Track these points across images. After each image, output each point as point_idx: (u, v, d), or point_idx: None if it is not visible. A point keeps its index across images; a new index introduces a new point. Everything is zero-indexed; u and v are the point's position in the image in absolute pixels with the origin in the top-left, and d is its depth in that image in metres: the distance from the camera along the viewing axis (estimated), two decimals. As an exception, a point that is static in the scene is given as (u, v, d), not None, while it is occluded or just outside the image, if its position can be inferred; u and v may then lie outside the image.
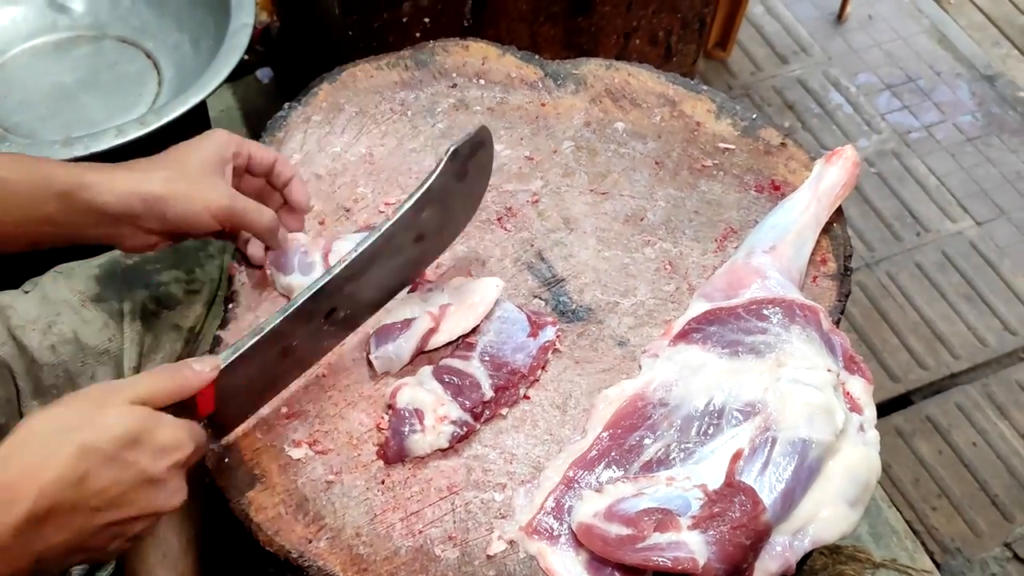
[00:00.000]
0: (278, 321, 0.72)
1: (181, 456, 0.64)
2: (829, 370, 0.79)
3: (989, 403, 1.72)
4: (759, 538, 0.71)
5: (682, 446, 0.77)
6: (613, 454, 0.78)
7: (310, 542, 0.74)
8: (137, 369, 0.94)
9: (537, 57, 1.09)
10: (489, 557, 0.74)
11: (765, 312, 0.83)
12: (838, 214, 0.97)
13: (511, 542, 0.75)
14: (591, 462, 0.77)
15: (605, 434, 0.79)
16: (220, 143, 0.83)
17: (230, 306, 0.88)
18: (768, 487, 0.73)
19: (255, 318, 0.87)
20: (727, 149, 1.02)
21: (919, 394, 1.74)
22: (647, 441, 0.78)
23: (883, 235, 1.93)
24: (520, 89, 1.06)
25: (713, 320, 0.84)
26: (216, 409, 0.71)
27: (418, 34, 1.44)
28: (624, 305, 0.90)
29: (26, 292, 0.95)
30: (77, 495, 0.59)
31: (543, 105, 1.05)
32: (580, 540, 0.73)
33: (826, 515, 0.74)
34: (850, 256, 0.94)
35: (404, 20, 1.42)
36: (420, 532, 0.75)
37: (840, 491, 0.75)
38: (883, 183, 2.01)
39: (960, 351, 1.78)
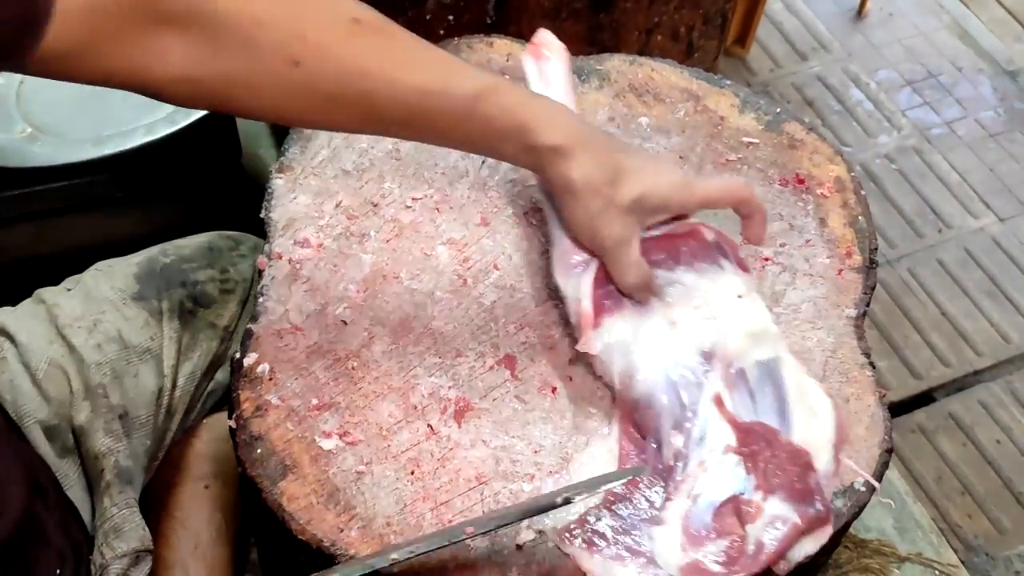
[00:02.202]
0: None
1: None
2: (740, 296, 0.80)
3: (1013, 400, 1.71)
4: (802, 459, 0.72)
5: (683, 430, 0.76)
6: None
7: (341, 531, 0.75)
8: (176, 368, 0.95)
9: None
10: (518, 547, 0.75)
11: (654, 259, 0.81)
12: (864, 206, 0.97)
13: (540, 531, 0.76)
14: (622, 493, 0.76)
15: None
16: (667, 196, 0.78)
17: (260, 300, 0.89)
18: (768, 412, 0.75)
19: (285, 312, 0.88)
20: (751, 143, 1.02)
21: (942, 391, 1.73)
22: (653, 445, 0.78)
23: (905, 232, 1.93)
24: (544, 85, 1.06)
25: (607, 282, 0.81)
26: None
27: (442, 31, 1.45)
28: (650, 298, 0.90)
29: (68, 290, 0.96)
30: None
31: (567, 101, 1.05)
32: None
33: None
34: (875, 249, 0.94)
35: (428, 17, 1.43)
36: (450, 522, 0.76)
37: (809, 389, 0.78)
38: (904, 180, 2.01)
39: (983, 348, 1.77)
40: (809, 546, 0.72)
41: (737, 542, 0.71)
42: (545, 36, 0.94)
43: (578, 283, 0.81)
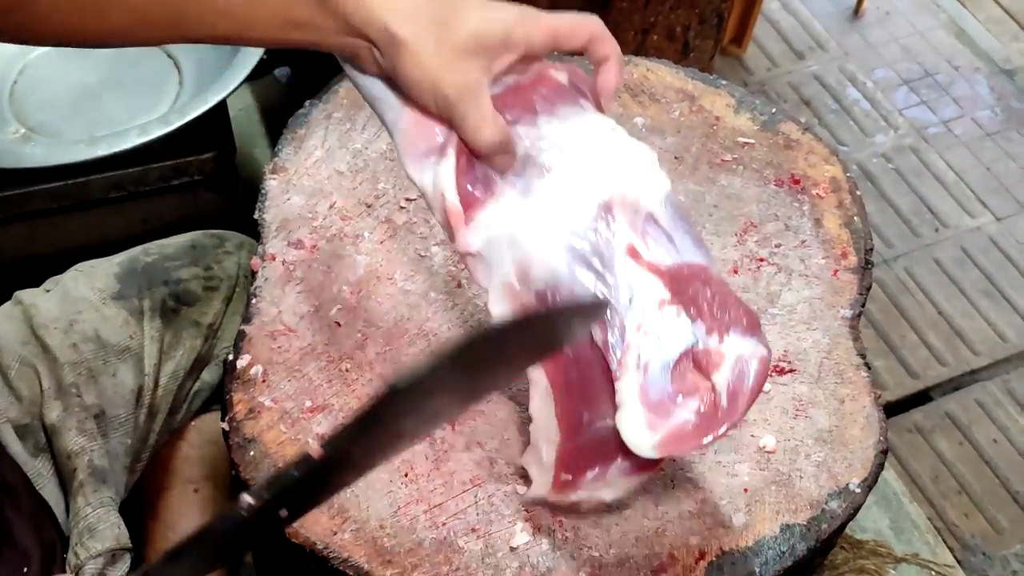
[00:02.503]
0: None
1: None
2: (614, 129, 0.69)
3: (1010, 399, 1.71)
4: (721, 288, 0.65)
5: (611, 297, 0.65)
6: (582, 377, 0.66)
7: (335, 534, 0.75)
8: (158, 367, 0.95)
9: (556, 53, 1.10)
10: (512, 549, 0.75)
11: (509, 117, 0.68)
12: (859, 207, 0.97)
13: (534, 532, 0.75)
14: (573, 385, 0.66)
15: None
16: (526, 25, 0.64)
17: (253, 301, 0.89)
18: (689, 249, 0.66)
19: (278, 313, 0.88)
20: (746, 144, 1.02)
21: (938, 390, 1.73)
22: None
23: (901, 231, 1.93)
24: (539, 85, 1.06)
25: (471, 167, 0.68)
26: None
27: (436, 32, 1.45)
28: (644, 299, 0.90)
29: (47, 291, 0.96)
30: None
31: (562, 101, 1.05)
32: (670, 456, 0.63)
33: None
34: (871, 249, 0.94)
35: (422, 18, 1.42)
36: (444, 524, 0.76)
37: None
38: (901, 179, 2.00)
39: (980, 347, 1.77)
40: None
41: (708, 396, 0.63)
42: None
43: (436, 174, 0.67)
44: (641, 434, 0.63)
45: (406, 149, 0.69)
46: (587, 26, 0.67)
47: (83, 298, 0.94)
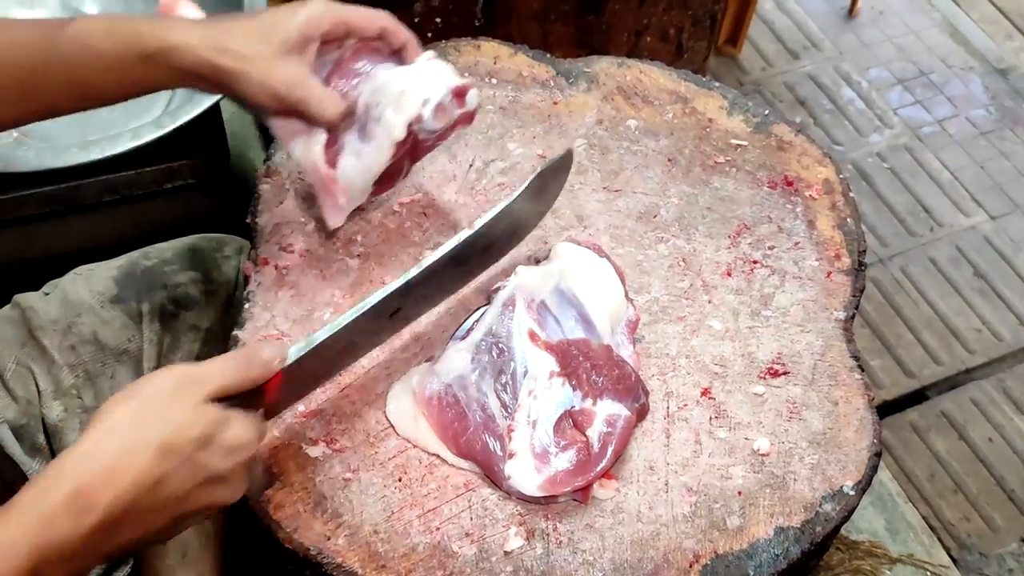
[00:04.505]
0: (352, 318, 0.72)
1: (247, 454, 0.64)
2: (430, 59, 0.84)
3: (1005, 398, 1.71)
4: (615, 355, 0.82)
5: (508, 374, 0.80)
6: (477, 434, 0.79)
7: (328, 539, 0.75)
8: (156, 369, 0.94)
9: (549, 56, 1.10)
10: (506, 553, 0.75)
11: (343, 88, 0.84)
12: (852, 208, 0.97)
13: (528, 537, 0.75)
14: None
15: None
16: (312, 18, 0.78)
17: (246, 306, 0.89)
18: (575, 327, 0.82)
19: (271, 318, 0.88)
20: (739, 145, 1.02)
21: (934, 389, 1.73)
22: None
23: (896, 230, 1.93)
24: (532, 88, 1.06)
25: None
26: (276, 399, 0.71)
27: (430, 34, 1.45)
28: (638, 302, 0.90)
29: (46, 294, 0.96)
30: (152, 498, 0.59)
31: (555, 104, 1.05)
32: (552, 494, 0.76)
33: None
34: (864, 251, 0.94)
35: (416, 20, 1.42)
36: (437, 529, 0.76)
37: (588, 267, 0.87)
38: (896, 178, 2.01)
39: (975, 346, 1.77)
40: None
41: (582, 447, 0.77)
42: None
43: (307, 147, 0.83)
44: (529, 478, 0.76)
45: (282, 138, 0.84)
46: (376, 20, 0.81)
47: (82, 301, 0.94)
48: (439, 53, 1.09)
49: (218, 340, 1.00)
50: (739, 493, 0.78)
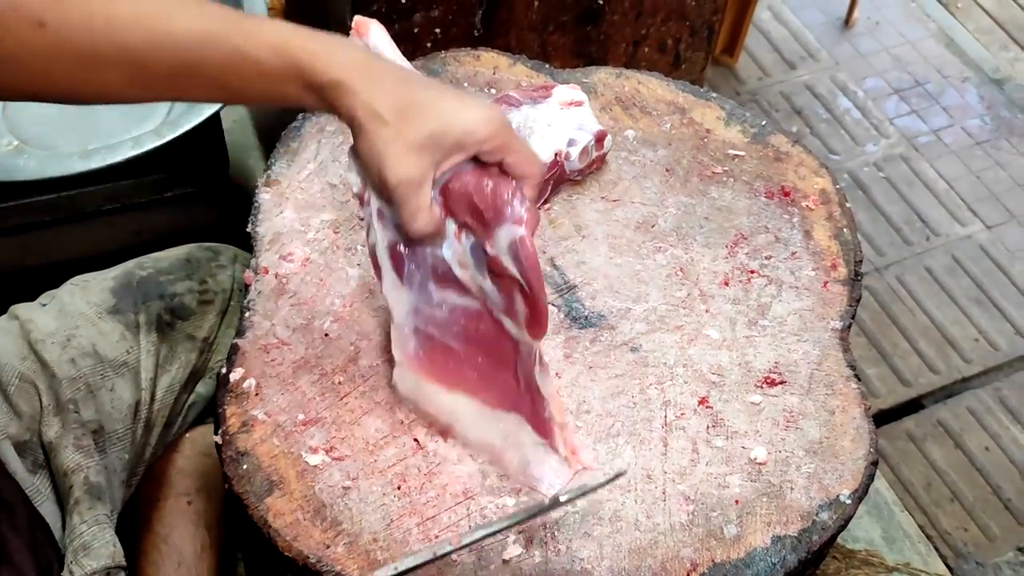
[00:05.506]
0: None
1: None
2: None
3: (1001, 407, 1.72)
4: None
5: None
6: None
7: (328, 547, 0.75)
8: (155, 381, 0.95)
9: (547, 66, 1.10)
10: (505, 561, 0.75)
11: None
12: (849, 218, 0.97)
13: (526, 545, 0.76)
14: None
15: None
16: (476, 136, 0.69)
17: (246, 314, 0.89)
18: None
19: (271, 326, 0.88)
20: (737, 156, 1.03)
21: (930, 398, 1.74)
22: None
23: (892, 239, 1.94)
24: (531, 98, 1.07)
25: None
26: None
27: (429, 44, 1.45)
28: (636, 311, 0.90)
29: (43, 305, 0.95)
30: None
31: (554, 114, 1.05)
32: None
33: None
34: (860, 261, 0.95)
35: (415, 31, 1.43)
36: (436, 537, 0.76)
37: None
38: (892, 187, 2.02)
39: (971, 355, 1.78)
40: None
41: (517, 287, 0.71)
42: (361, 21, 0.84)
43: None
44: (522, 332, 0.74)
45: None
46: (529, 168, 0.71)
47: (80, 312, 0.94)
48: (439, 63, 1.10)
49: (215, 349, 1.01)
50: (736, 502, 0.79)
